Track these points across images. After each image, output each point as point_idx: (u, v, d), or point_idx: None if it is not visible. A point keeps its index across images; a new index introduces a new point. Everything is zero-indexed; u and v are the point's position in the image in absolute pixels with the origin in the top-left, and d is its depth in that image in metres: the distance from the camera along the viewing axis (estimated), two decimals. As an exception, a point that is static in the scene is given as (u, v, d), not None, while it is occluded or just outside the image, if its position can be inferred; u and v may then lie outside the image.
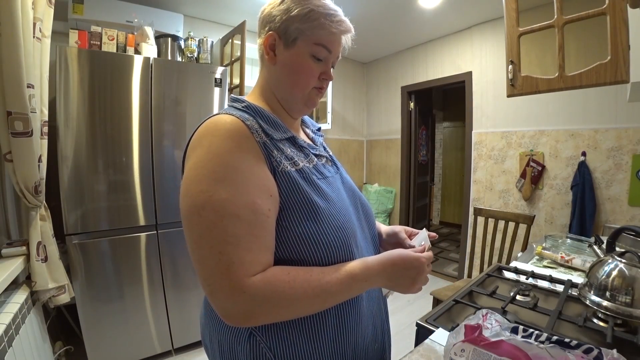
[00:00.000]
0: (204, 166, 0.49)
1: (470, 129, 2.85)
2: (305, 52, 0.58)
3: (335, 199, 0.59)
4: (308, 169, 0.58)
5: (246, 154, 0.51)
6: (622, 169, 2.02)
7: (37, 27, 1.26)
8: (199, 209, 0.47)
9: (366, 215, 0.71)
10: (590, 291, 0.79)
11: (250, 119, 0.55)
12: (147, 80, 1.70)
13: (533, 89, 1.18)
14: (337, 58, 0.63)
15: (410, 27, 2.82)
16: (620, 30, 0.97)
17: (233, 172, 0.49)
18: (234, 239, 0.47)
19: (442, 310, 0.83)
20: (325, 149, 0.74)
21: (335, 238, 0.54)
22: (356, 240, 0.60)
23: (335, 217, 0.56)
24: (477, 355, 0.51)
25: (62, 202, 1.52)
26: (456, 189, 5.02)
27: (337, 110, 3.60)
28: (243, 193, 0.48)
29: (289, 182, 0.53)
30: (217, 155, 0.49)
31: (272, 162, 0.53)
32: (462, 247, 2.98)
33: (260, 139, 0.53)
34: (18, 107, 1.16)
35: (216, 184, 0.48)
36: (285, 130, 0.60)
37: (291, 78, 0.60)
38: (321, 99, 0.70)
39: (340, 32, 0.59)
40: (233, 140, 0.50)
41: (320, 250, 0.53)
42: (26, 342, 1.14)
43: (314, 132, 0.77)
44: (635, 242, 1.09)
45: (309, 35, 0.57)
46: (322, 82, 0.62)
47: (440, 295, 1.78)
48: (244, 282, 0.46)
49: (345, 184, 0.69)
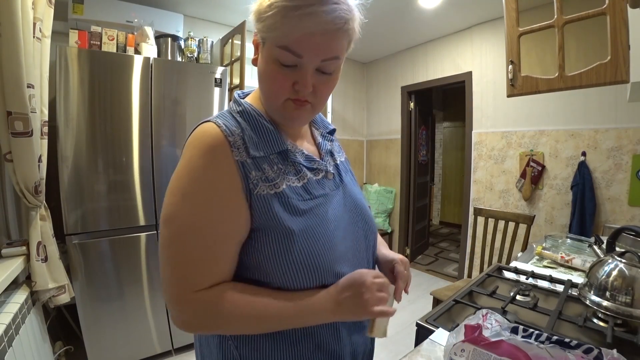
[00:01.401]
0: (179, 178, 0.50)
1: (470, 129, 2.85)
2: (270, 56, 0.49)
3: (316, 223, 0.54)
4: (291, 191, 0.54)
5: (220, 173, 0.49)
6: (622, 169, 2.02)
7: (37, 27, 1.26)
8: (165, 221, 0.49)
9: (367, 235, 0.65)
10: (590, 291, 0.79)
11: (237, 132, 0.52)
12: (147, 80, 1.70)
13: (533, 89, 1.18)
14: (328, 60, 0.49)
15: (411, 27, 2.82)
16: (620, 30, 0.97)
17: (202, 190, 0.48)
18: (189, 255, 0.48)
19: (442, 310, 0.83)
20: (333, 155, 0.67)
21: (308, 266, 0.51)
22: (344, 266, 0.56)
23: (312, 244, 0.52)
24: (477, 355, 0.51)
25: (62, 202, 1.52)
26: (456, 189, 5.02)
27: (337, 110, 3.60)
28: (207, 212, 0.48)
29: (263, 206, 0.51)
30: (192, 170, 0.49)
31: (248, 183, 0.50)
32: (462, 247, 2.98)
33: (240, 158, 0.50)
34: (18, 107, 1.16)
35: (184, 199, 0.48)
36: (277, 143, 0.55)
37: (261, 85, 0.54)
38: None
39: (307, 29, 0.44)
40: (210, 157, 0.49)
41: (291, 276, 0.51)
42: (26, 342, 1.14)
43: (323, 135, 0.69)
44: (635, 242, 1.09)
45: (269, 37, 0.48)
46: (298, 93, 0.50)
47: (440, 295, 1.78)
48: (188, 296, 0.48)
49: (348, 200, 0.63)
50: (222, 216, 0.49)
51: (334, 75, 0.52)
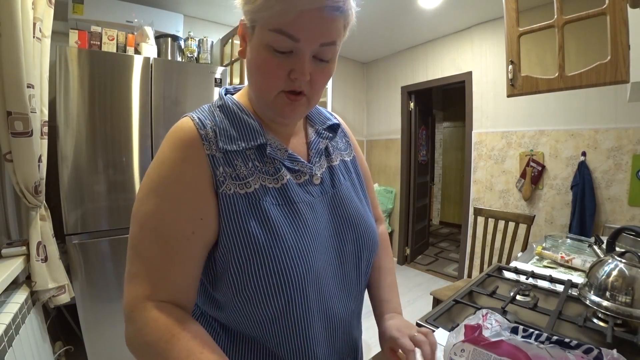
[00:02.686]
0: (148, 174, 0.47)
1: (470, 129, 2.85)
2: (261, 42, 0.44)
3: (289, 232, 0.47)
4: (264, 192, 0.48)
5: (189, 168, 0.45)
6: (622, 169, 2.02)
7: (37, 27, 1.26)
8: (132, 216, 0.47)
9: (359, 250, 0.57)
10: (590, 291, 0.79)
11: (210, 124, 0.48)
12: (147, 80, 1.69)
13: (533, 89, 1.18)
14: (326, 45, 0.44)
15: (411, 27, 2.82)
16: (620, 30, 0.97)
17: (167, 185, 0.45)
18: (146, 253, 0.44)
19: (442, 310, 0.83)
20: (330, 155, 0.60)
21: (273, 283, 0.45)
22: (320, 286, 0.50)
23: (280, 256, 0.46)
24: (477, 355, 0.51)
25: (62, 202, 1.52)
26: (456, 189, 5.02)
27: (337, 110, 3.60)
28: (169, 209, 0.44)
29: (228, 207, 0.46)
30: (161, 164, 0.46)
31: (216, 180, 0.46)
32: (462, 247, 2.98)
33: (210, 152, 0.46)
34: (18, 107, 1.16)
35: (149, 194, 0.45)
36: (254, 136, 0.50)
37: (252, 77, 0.49)
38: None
39: (305, 6, 0.40)
40: (181, 151, 0.46)
41: (251, 295, 0.46)
42: (26, 342, 1.14)
43: (319, 132, 0.60)
44: (635, 242, 1.09)
45: (260, 19, 0.43)
46: (295, 83, 0.46)
47: (440, 295, 1.78)
48: (135, 303, 0.43)
49: (338, 208, 0.56)
50: (188, 212, 0.45)
51: (331, 64, 0.48)
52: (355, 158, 0.66)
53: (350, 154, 0.65)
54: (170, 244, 0.44)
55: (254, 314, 0.48)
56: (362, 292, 0.61)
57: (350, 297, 0.57)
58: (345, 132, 0.68)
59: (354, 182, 0.62)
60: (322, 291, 0.51)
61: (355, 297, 0.58)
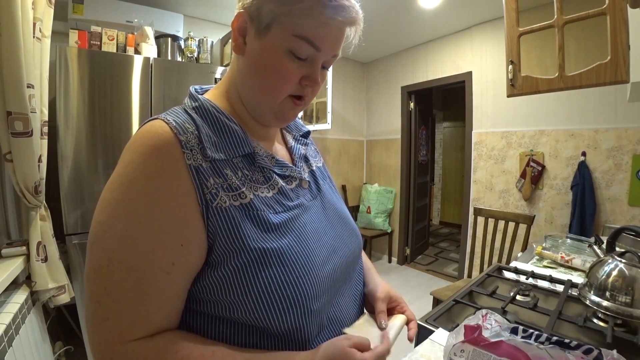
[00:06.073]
0: (112, 189, 0.40)
1: (470, 129, 2.85)
2: (280, 45, 0.42)
3: (294, 240, 0.45)
4: (260, 202, 0.45)
5: (166, 184, 0.38)
6: (622, 169, 2.02)
7: (37, 27, 1.25)
8: (91, 243, 0.39)
9: (356, 251, 0.57)
10: (590, 291, 0.79)
11: (190, 129, 0.42)
12: (147, 80, 1.69)
13: (533, 89, 1.18)
14: (335, 57, 0.46)
15: (410, 27, 2.82)
16: (620, 30, 0.97)
17: (138, 207, 0.38)
18: (117, 291, 0.37)
19: (442, 310, 0.83)
20: (308, 160, 0.60)
21: (283, 298, 0.41)
22: (331, 293, 0.48)
23: (289, 268, 0.42)
24: (477, 356, 0.51)
25: (62, 202, 1.52)
26: (456, 189, 5.02)
27: (337, 110, 3.59)
28: (143, 237, 0.37)
29: (225, 222, 0.41)
30: (130, 180, 0.39)
31: (204, 194, 0.40)
32: (462, 247, 2.98)
33: (194, 162, 0.40)
34: (18, 107, 1.15)
35: (116, 217, 0.38)
36: (241, 144, 0.46)
37: (258, 79, 0.45)
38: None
39: (338, 23, 0.42)
40: (154, 162, 0.39)
41: (258, 313, 0.41)
42: (26, 342, 1.14)
43: (296, 138, 0.61)
44: (635, 242, 1.09)
45: (287, 22, 0.41)
46: (304, 89, 0.45)
47: (440, 295, 1.78)
48: (114, 348, 0.37)
49: (330, 211, 0.56)
50: (165, 240, 0.38)
51: (326, 72, 0.51)
52: (324, 164, 0.68)
53: (320, 160, 0.66)
54: (146, 279, 0.38)
55: (261, 325, 0.43)
56: (362, 292, 0.61)
57: (356, 297, 0.57)
58: (312, 140, 0.70)
59: (331, 185, 0.64)
60: (332, 296, 0.49)
61: (360, 297, 0.59)
